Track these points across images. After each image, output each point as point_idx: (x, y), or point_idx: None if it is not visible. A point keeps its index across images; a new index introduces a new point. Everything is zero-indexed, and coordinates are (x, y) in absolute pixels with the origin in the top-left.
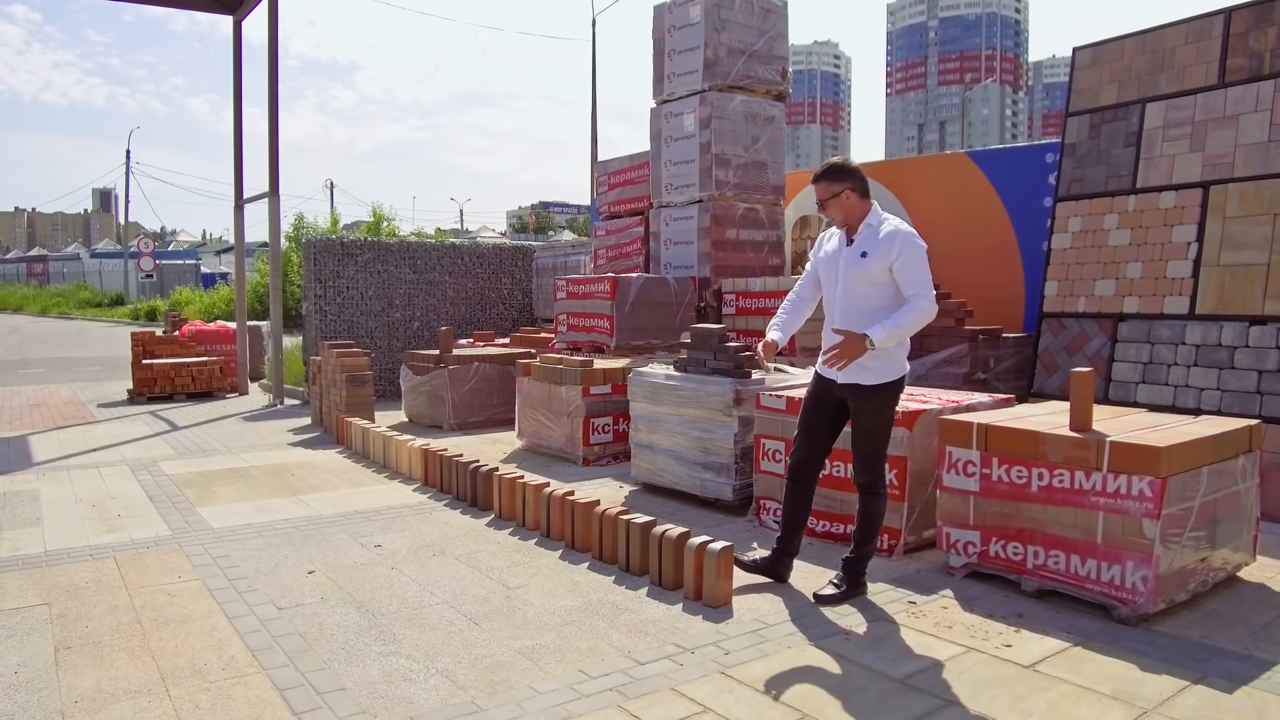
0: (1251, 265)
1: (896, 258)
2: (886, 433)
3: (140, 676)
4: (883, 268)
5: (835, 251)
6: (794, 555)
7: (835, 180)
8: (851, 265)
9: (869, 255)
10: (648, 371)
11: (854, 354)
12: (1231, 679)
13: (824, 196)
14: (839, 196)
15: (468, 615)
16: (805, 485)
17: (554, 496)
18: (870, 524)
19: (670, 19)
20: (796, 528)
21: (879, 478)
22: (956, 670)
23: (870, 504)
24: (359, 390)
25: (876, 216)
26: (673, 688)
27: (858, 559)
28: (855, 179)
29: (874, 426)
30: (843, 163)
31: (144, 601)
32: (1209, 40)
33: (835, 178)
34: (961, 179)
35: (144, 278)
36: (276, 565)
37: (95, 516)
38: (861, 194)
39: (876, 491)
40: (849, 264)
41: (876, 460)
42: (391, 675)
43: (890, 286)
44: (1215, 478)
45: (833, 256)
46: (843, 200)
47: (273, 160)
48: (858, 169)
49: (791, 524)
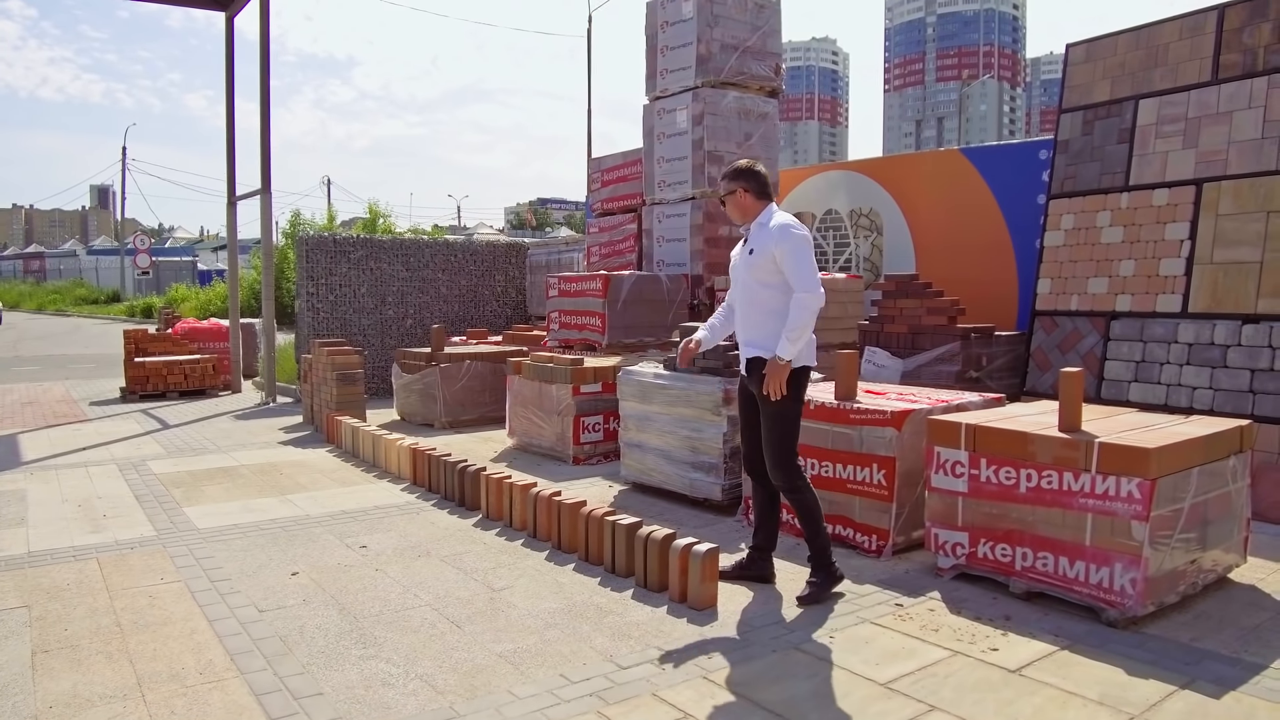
0: (1245, 263)
1: (777, 249)
2: (792, 423)
3: (117, 681)
4: (768, 262)
5: (737, 256)
6: (769, 550)
7: (731, 179)
8: (744, 264)
9: (755, 251)
10: (637, 370)
11: (780, 375)
12: (1220, 683)
13: (721, 195)
14: (733, 195)
15: (450, 618)
16: (759, 479)
17: (540, 497)
18: (808, 518)
19: (663, 14)
20: (763, 523)
21: (790, 473)
22: (942, 674)
23: (797, 499)
24: (350, 388)
25: (768, 215)
26: (654, 692)
27: (816, 553)
28: (750, 179)
29: (772, 413)
30: (746, 165)
31: (125, 604)
32: (1203, 36)
33: (730, 177)
34: (955, 176)
35: (140, 275)
36: (260, 566)
37: (81, 517)
38: (757, 195)
39: (795, 487)
40: (743, 264)
41: (781, 453)
42: (370, 680)
43: (781, 284)
44: (1206, 479)
45: (736, 262)
46: (737, 199)
47: (265, 157)
48: (759, 172)
49: (759, 519)
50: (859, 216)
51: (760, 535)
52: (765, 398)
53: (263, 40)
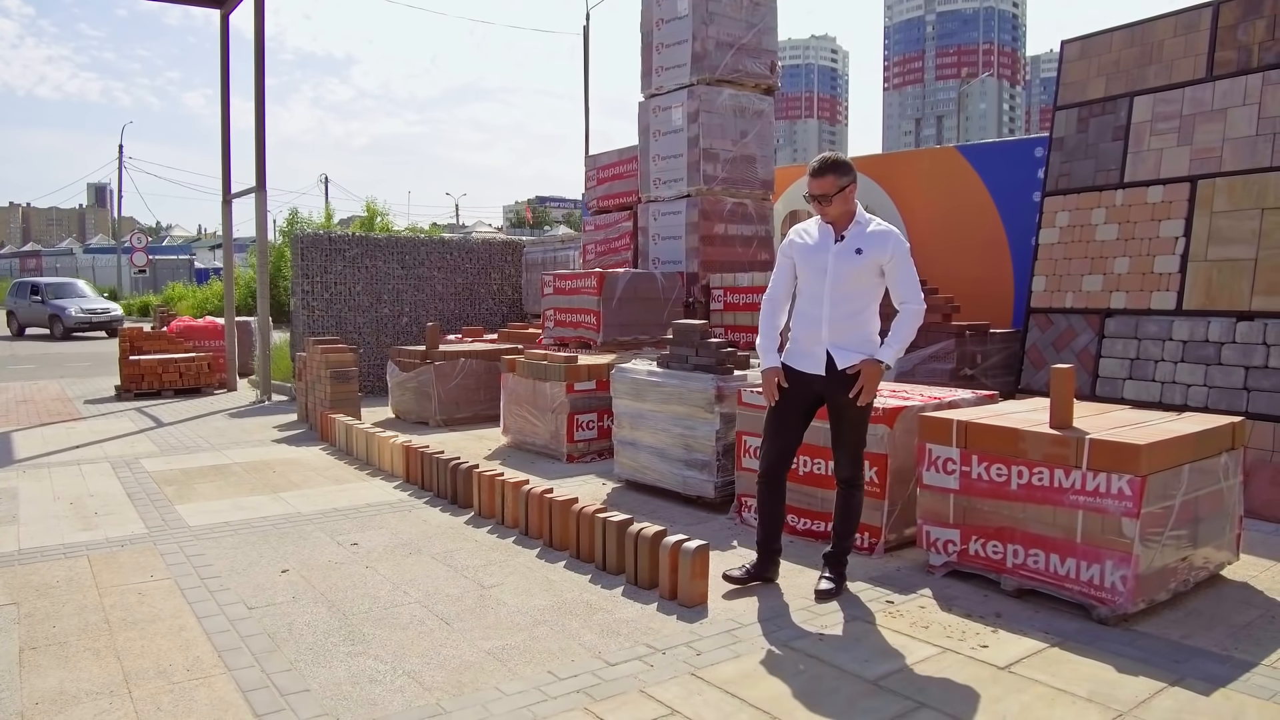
0: (1239, 260)
1: (889, 258)
2: (867, 423)
3: (104, 677)
4: (875, 266)
5: (818, 246)
6: (779, 553)
7: (843, 174)
8: (844, 262)
9: (864, 252)
10: (630, 368)
11: (878, 381)
12: (1210, 680)
13: (830, 191)
14: (844, 191)
15: (439, 615)
16: (779, 484)
17: (532, 494)
18: (853, 517)
19: (659, 12)
20: (778, 527)
21: (862, 469)
22: (931, 671)
23: (853, 496)
24: (343, 386)
25: (863, 215)
26: (641, 689)
27: (843, 552)
28: (855, 176)
29: (860, 417)
30: (845, 159)
31: (114, 601)
32: (1197, 33)
33: (843, 171)
34: (951, 173)
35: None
36: (251, 564)
37: (72, 514)
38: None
39: (859, 484)
40: (841, 260)
41: (861, 451)
42: (358, 676)
43: (876, 283)
44: (1197, 476)
45: (817, 251)
46: (846, 195)
47: (259, 155)
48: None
49: (772, 524)
50: None
51: (776, 540)
52: (851, 401)
53: (257, 37)
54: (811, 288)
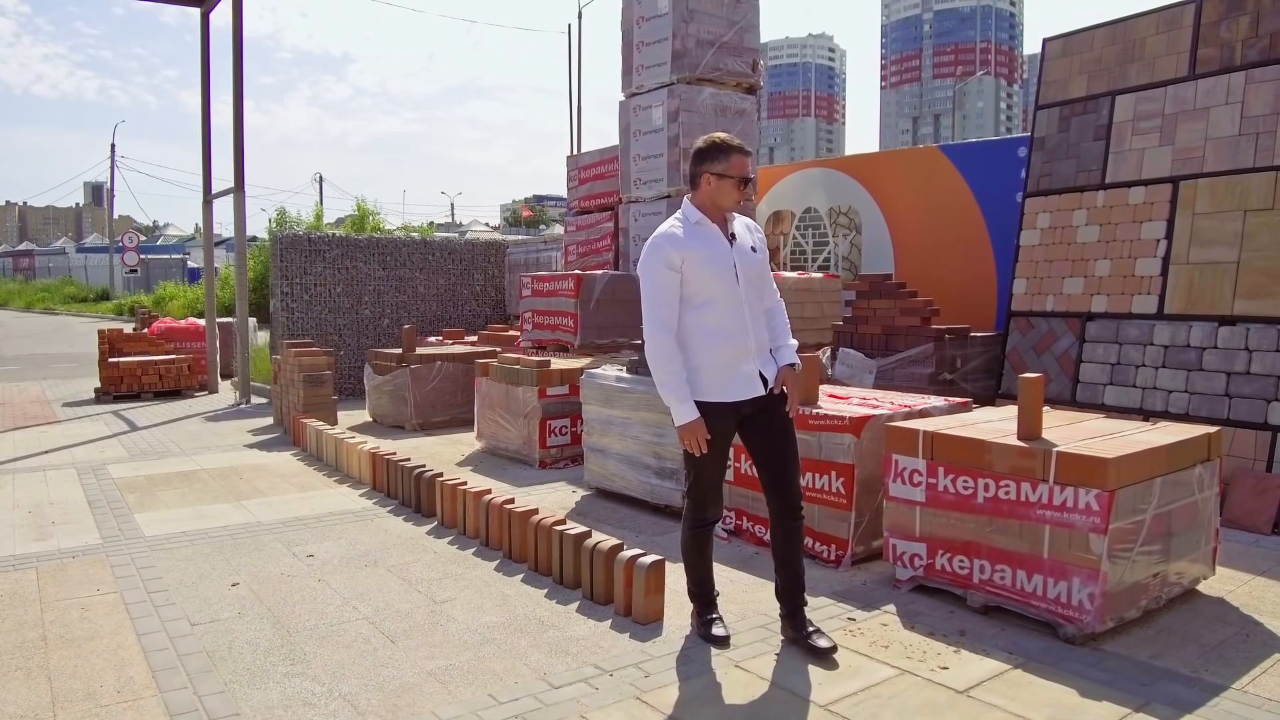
0: (1221, 263)
1: (765, 248)
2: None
3: (30, 699)
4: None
5: (716, 250)
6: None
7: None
8: (748, 264)
9: (758, 250)
10: (599, 374)
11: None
12: (1176, 705)
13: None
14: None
15: (386, 632)
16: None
17: (493, 504)
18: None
19: (639, 10)
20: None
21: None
22: (885, 695)
23: (801, 526)
24: (317, 390)
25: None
26: (582, 714)
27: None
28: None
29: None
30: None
31: (55, 616)
32: (1180, 30)
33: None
34: (933, 173)
35: (128, 273)
36: (201, 576)
37: (29, 523)
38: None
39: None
40: (745, 263)
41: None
42: (291, 699)
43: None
44: (1170, 488)
45: (718, 255)
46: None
47: (238, 154)
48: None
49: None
50: (838, 215)
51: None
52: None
53: (235, 34)
54: (723, 300)
